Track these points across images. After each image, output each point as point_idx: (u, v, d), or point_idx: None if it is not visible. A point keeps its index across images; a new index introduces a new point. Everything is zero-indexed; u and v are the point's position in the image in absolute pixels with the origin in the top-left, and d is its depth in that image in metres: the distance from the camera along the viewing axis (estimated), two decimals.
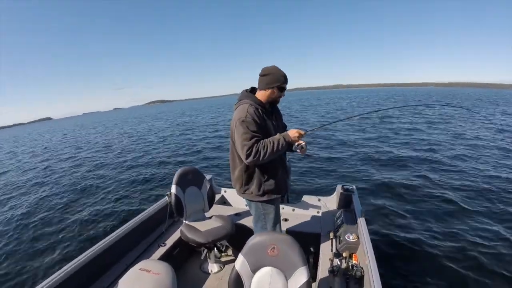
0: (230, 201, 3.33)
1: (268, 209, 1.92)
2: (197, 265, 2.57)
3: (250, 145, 1.65)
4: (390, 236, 3.66)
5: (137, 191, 6.44)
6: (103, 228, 4.64)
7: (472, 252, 3.28)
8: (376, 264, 1.72)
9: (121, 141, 16.45)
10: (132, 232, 2.33)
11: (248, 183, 1.87)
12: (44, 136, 32.01)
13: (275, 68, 1.79)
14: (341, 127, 13.15)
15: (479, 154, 7.60)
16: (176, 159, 9.62)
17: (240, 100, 1.84)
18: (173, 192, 2.37)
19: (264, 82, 1.78)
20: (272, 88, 1.78)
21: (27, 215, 5.65)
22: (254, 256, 1.37)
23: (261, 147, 1.66)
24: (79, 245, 4.15)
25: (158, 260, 1.76)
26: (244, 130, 1.67)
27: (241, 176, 1.87)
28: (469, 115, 15.72)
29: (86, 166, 9.96)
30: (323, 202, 2.94)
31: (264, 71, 1.79)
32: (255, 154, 1.65)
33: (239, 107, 1.79)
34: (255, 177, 1.84)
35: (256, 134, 1.68)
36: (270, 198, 1.89)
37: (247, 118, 1.68)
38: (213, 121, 24.36)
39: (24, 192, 7.56)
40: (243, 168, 1.83)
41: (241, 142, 1.68)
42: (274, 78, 1.77)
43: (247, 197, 1.93)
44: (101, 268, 2.03)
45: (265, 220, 1.95)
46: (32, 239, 4.54)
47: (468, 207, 4.39)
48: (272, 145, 1.67)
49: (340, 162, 7.51)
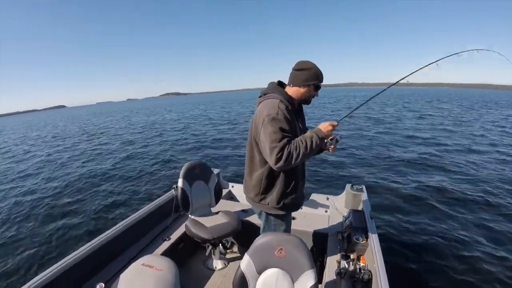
0: (237, 197, 3.30)
1: (280, 222, 1.73)
2: (201, 261, 2.55)
3: (281, 147, 1.41)
4: (400, 239, 3.57)
5: (143, 184, 6.45)
6: (106, 220, 4.65)
7: (487, 258, 3.17)
8: (384, 267, 1.65)
9: (131, 132, 16.72)
10: (137, 224, 2.31)
11: (266, 191, 1.64)
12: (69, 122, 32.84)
13: (312, 63, 1.57)
14: (354, 124, 12.89)
15: (494, 158, 7.37)
16: (183, 152, 9.65)
17: (267, 93, 1.62)
18: (180, 185, 2.34)
19: (301, 78, 1.55)
20: (309, 86, 1.57)
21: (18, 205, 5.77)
22: (260, 257, 1.33)
23: (293, 148, 1.42)
24: (86, 236, 4.16)
25: (161, 256, 1.73)
26: (273, 129, 1.43)
27: (260, 183, 1.63)
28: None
29: (97, 158, 10.11)
30: (331, 201, 2.87)
31: (301, 65, 1.57)
32: (287, 157, 1.41)
33: (267, 102, 1.56)
34: (277, 186, 1.62)
35: (287, 134, 1.46)
36: (287, 213, 1.72)
37: (279, 116, 1.45)
38: (226, 115, 24.36)
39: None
40: (265, 173, 1.60)
41: (270, 144, 1.43)
42: (313, 74, 1.55)
43: (262, 208, 1.70)
44: (103, 261, 2.01)
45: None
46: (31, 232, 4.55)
47: (484, 211, 4.27)
48: (305, 144, 1.44)
49: (350, 161, 7.39)
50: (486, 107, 24.58)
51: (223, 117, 22.41)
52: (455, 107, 24.47)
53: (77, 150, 11.84)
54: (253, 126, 1.60)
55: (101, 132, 17.89)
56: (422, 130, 11.90)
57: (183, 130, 15.94)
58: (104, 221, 4.61)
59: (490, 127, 12.82)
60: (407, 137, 10.50)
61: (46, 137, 18.42)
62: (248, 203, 1.81)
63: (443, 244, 3.46)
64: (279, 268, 1.33)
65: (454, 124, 13.56)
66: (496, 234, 3.65)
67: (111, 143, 13.03)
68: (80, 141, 14.72)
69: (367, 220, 2.18)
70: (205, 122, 19.16)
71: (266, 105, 1.53)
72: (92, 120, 32.13)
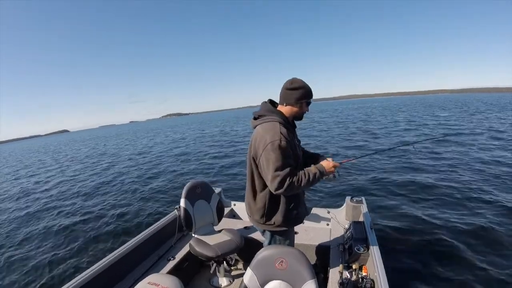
0: (239, 215, 3.33)
1: (285, 238, 1.77)
2: (206, 279, 2.56)
3: (284, 177, 1.45)
4: (400, 247, 3.56)
5: (145, 205, 6.36)
6: (111, 242, 4.61)
7: (492, 266, 3.12)
8: (385, 275, 1.69)
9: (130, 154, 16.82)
10: (141, 245, 2.33)
11: (271, 213, 1.66)
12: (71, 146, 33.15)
13: (303, 82, 1.62)
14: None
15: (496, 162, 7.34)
16: (184, 172, 9.57)
17: (264, 116, 1.63)
18: (182, 205, 2.37)
19: (294, 96, 1.59)
20: (302, 104, 1.62)
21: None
22: (262, 270, 1.36)
23: (295, 180, 1.47)
24: (89, 258, 4.12)
25: (167, 274, 1.76)
26: (277, 157, 1.45)
27: (264, 206, 1.65)
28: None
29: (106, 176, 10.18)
30: (332, 214, 2.91)
31: (293, 83, 1.60)
32: (288, 186, 1.45)
33: (267, 125, 1.57)
34: (281, 206, 1.64)
35: (290, 162, 1.50)
36: (291, 228, 1.77)
37: (282, 143, 1.46)
38: (230, 131, 24.53)
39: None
40: (267, 196, 1.62)
41: (273, 172, 1.46)
42: (304, 92, 1.60)
43: (267, 228, 1.72)
44: (109, 282, 2.02)
45: None
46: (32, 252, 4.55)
47: (488, 221, 4.16)
48: (307, 178, 1.50)
49: (348, 171, 7.36)
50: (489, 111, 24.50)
51: (223, 133, 22.58)
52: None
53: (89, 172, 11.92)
54: (252, 150, 1.62)
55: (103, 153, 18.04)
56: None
57: (181, 148, 15.98)
58: (104, 245, 4.56)
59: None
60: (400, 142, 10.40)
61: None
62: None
63: (445, 249, 3.45)
64: (281, 280, 1.35)
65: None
66: (506, 238, 3.58)
67: (103, 163, 13.12)
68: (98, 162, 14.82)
69: (368, 231, 2.22)
70: (205, 141, 19.26)
71: (267, 129, 1.54)
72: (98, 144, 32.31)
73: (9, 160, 26.54)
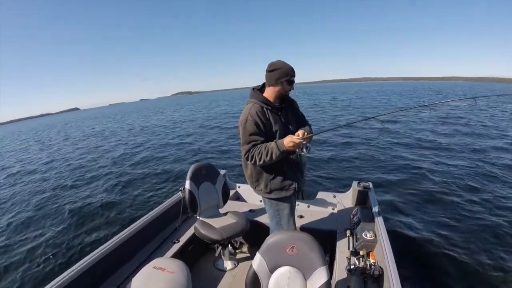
0: (244, 197, 3.30)
1: (282, 205, 1.94)
2: (211, 262, 2.56)
3: (247, 150, 1.73)
4: (408, 234, 3.52)
5: (149, 186, 6.36)
6: (118, 223, 4.63)
7: (496, 251, 3.10)
8: (395, 262, 1.64)
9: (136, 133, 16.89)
10: (145, 228, 2.32)
11: (257, 180, 1.90)
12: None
13: (282, 62, 1.76)
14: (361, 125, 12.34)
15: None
16: (190, 154, 9.51)
17: (249, 100, 1.86)
18: (187, 187, 2.35)
19: (273, 77, 1.75)
20: (282, 83, 1.76)
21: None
22: (272, 255, 1.34)
23: (256, 153, 1.69)
24: (92, 244, 4.10)
25: (172, 258, 1.75)
26: (243, 133, 1.73)
27: (252, 174, 1.90)
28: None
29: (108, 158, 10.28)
30: (338, 198, 2.85)
31: (271, 66, 1.76)
32: (251, 159, 1.72)
33: (245, 108, 1.81)
34: (263, 175, 1.87)
35: (253, 137, 1.71)
36: (279, 196, 1.90)
37: (248, 121, 1.71)
38: (231, 111, 24.21)
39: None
40: (252, 165, 1.85)
41: (241, 146, 1.76)
42: (283, 72, 1.74)
43: (259, 194, 1.97)
44: (114, 265, 2.02)
45: (279, 216, 1.96)
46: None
47: (492, 210, 4.09)
48: (266, 152, 1.68)
49: (356, 158, 7.24)
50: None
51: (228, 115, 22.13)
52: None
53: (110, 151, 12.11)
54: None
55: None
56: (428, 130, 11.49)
57: (189, 129, 15.94)
58: (109, 227, 4.55)
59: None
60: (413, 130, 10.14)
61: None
62: (255, 203, 1.89)
63: (452, 240, 3.39)
64: (291, 266, 1.33)
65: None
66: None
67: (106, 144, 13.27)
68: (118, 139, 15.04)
69: (375, 217, 2.17)
70: (212, 122, 18.77)
71: (243, 111, 1.79)
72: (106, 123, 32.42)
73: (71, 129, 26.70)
